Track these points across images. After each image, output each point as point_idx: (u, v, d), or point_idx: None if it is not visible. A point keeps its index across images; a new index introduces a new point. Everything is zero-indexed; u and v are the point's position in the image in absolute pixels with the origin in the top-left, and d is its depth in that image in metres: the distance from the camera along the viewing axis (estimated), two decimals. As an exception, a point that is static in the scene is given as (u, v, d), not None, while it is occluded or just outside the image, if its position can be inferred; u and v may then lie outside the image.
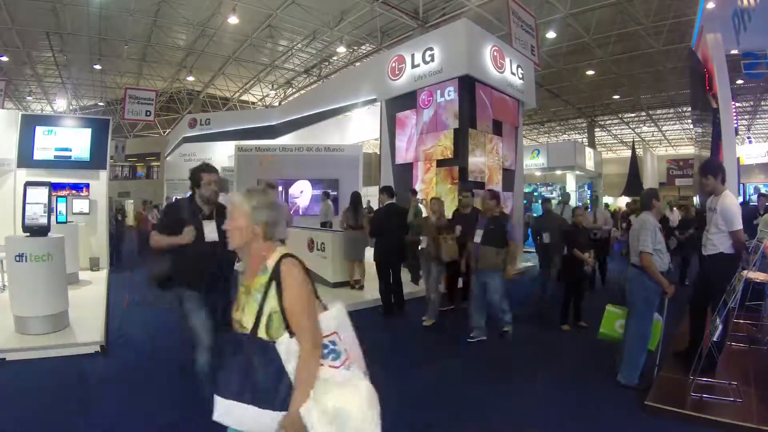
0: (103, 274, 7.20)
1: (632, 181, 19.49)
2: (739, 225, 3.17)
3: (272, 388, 1.23)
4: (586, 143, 20.25)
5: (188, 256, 2.46)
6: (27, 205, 4.35)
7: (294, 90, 19.22)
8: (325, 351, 1.28)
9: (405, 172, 8.45)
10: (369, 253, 5.77)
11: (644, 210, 3.29)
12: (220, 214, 2.59)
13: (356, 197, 6.40)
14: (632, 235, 3.27)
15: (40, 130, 7.41)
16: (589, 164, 15.69)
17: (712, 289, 3.28)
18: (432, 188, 7.81)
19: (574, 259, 4.57)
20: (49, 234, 4.27)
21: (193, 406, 2.82)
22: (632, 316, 3.20)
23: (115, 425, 2.64)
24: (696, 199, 7.47)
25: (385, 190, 5.58)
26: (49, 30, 12.66)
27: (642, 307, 3.13)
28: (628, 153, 23.34)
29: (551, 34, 11.82)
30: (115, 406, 2.87)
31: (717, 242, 3.26)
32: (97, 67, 15.98)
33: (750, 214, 5.94)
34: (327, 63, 16.78)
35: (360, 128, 11.87)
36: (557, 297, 4.95)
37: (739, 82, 12.74)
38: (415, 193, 7.23)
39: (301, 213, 10.30)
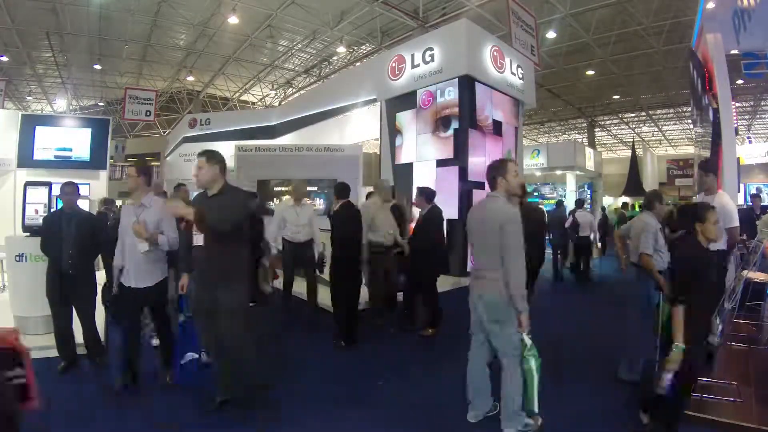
0: (103, 274, 7.19)
1: (632, 181, 19.50)
2: (737, 221, 3.34)
3: None
4: (586, 143, 20.24)
5: None
6: (27, 205, 4.35)
7: (294, 90, 19.21)
8: None
9: (405, 172, 8.45)
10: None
11: (647, 210, 3.31)
12: None
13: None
14: (633, 236, 3.28)
15: (40, 130, 7.41)
16: (589, 164, 15.68)
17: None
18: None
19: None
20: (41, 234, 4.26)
21: (192, 405, 2.83)
22: (634, 314, 3.24)
23: (115, 425, 2.65)
24: (695, 199, 7.48)
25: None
26: (49, 30, 12.65)
27: (644, 305, 3.17)
28: (628, 153, 23.34)
29: (551, 34, 11.82)
30: (115, 406, 2.87)
31: (719, 240, 3.33)
32: (97, 67, 15.97)
33: (746, 214, 5.96)
34: (327, 63, 16.76)
35: (360, 128, 11.86)
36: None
37: (739, 82, 12.74)
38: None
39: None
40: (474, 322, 2.61)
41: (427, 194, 4.72)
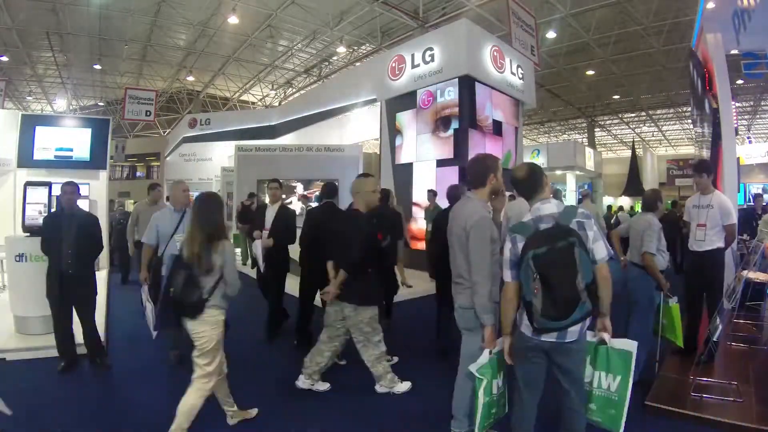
0: (103, 274, 7.19)
1: (632, 181, 19.50)
2: (735, 219, 3.40)
3: None
4: (586, 143, 20.26)
5: None
6: (27, 205, 4.35)
7: (294, 90, 19.21)
8: None
9: (405, 172, 8.45)
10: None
11: (648, 211, 3.31)
12: None
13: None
14: (635, 236, 3.28)
15: (40, 130, 7.40)
16: (589, 164, 15.71)
17: (713, 284, 3.38)
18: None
19: None
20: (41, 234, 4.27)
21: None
22: (635, 314, 3.24)
23: (114, 425, 2.65)
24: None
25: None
26: (49, 30, 12.65)
27: (645, 305, 3.18)
28: (628, 153, 23.34)
29: (551, 34, 11.83)
30: (115, 407, 2.87)
31: (716, 237, 3.40)
32: (97, 67, 15.98)
33: (748, 214, 5.97)
34: (327, 63, 16.77)
35: (360, 128, 11.87)
36: None
37: (739, 82, 12.74)
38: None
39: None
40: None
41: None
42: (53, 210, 4.18)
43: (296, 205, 9.11)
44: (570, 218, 1.86)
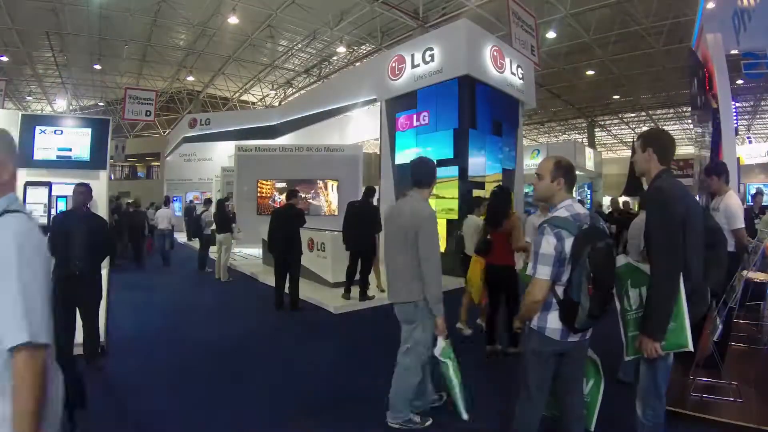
0: (103, 273, 7.19)
1: (632, 181, 19.47)
2: (740, 224, 3.29)
3: None
4: (586, 143, 20.26)
5: None
6: (27, 205, 4.34)
7: (294, 90, 19.22)
8: None
9: (405, 172, 8.45)
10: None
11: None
12: None
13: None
14: (633, 235, 3.28)
15: (40, 130, 7.40)
16: (589, 164, 15.71)
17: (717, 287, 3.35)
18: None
19: None
20: (48, 233, 4.25)
21: (193, 406, 2.83)
22: None
23: (113, 426, 2.65)
24: (696, 198, 7.50)
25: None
26: (49, 30, 12.66)
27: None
28: (628, 153, 23.35)
29: (551, 34, 11.82)
30: (114, 407, 2.87)
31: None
32: (97, 67, 15.99)
33: (746, 214, 5.96)
34: (327, 63, 16.77)
35: (360, 128, 11.87)
36: None
37: (739, 82, 12.73)
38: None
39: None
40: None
41: None
42: (61, 210, 4.16)
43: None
44: (599, 221, 1.89)
